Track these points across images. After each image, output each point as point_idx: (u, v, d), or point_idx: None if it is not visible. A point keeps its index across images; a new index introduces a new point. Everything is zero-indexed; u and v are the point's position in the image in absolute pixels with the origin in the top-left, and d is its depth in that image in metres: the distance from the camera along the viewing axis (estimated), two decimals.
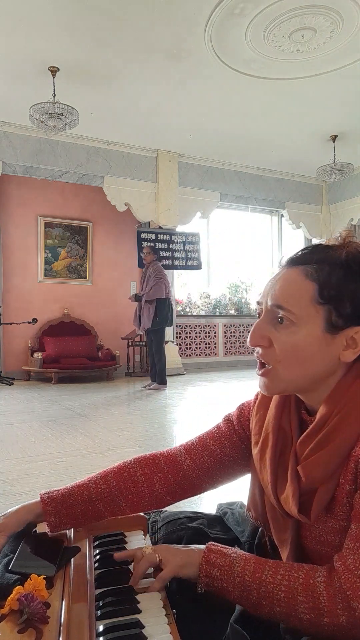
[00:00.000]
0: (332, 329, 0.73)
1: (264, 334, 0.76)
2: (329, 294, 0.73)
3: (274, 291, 0.76)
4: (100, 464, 2.50)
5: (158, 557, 0.80)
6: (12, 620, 0.67)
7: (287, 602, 0.69)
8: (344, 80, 5.13)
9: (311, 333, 0.73)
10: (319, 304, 0.73)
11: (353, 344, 0.74)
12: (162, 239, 7.11)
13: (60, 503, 0.92)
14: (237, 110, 5.88)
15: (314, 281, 0.74)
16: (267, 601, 0.71)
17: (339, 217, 8.45)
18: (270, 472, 0.80)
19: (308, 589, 0.69)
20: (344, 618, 0.66)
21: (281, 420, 0.82)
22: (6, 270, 6.84)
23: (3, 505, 1.89)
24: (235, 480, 0.98)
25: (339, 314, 0.73)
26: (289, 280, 0.75)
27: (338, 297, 0.73)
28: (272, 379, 0.77)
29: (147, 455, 0.98)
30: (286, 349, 0.74)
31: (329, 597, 0.67)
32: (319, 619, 0.67)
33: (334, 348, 0.74)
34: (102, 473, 0.96)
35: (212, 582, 0.76)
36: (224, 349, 8.27)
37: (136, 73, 4.98)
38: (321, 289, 0.73)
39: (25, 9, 3.95)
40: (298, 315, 0.73)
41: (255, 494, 0.88)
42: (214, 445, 0.94)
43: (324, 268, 0.74)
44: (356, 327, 0.73)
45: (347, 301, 0.73)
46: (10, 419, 3.80)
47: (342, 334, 0.73)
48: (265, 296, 0.78)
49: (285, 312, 0.74)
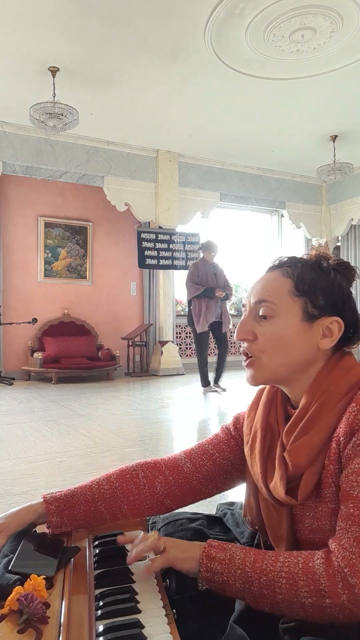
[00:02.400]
0: (309, 318, 0.82)
1: (249, 328, 0.85)
2: (304, 288, 0.83)
3: (255, 290, 0.87)
4: (100, 464, 2.50)
5: (163, 544, 0.82)
6: (12, 621, 0.67)
7: (289, 588, 0.71)
8: (344, 80, 5.13)
9: (290, 322, 0.82)
10: (295, 296, 0.83)
11: (329, 333, 0.83)
12: (162, 239, 7.11)
13: (62, 503, 0.93)
14: (237, 110, 5.88)
15: (289, 277, 0.84)
16: (269, 590, 0.72)
17: (339, 217, 8.45)
18: (260, 463, 0.85)
19: (308, 573, 0.70)
20: (345, 597, 0.67)
21: (269, 417, 0.89)
22: (6, 271, 6.84)
23: (3, 505, 1.89)
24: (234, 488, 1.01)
25: (314, 305, 0.82)
26: (269, 279, 0.87)
27: (312, 291, 0.83)
28: (257, 368, 0.84)
29: (148, 460, 1.01)
30: (269, 338, 0.83)
31: (329, 578, 0.68)
32: (321, 600, 0.68)
33: (312, 336, 0.82)
34: (104, 475, 0.98)
35: (212, 577, 0.77)
36: None
37: (136, 73, 4.98)
38: (297, 284, 0.83)
39: (26, 9, 3.95)
40: (278, 306, 0.83)
41: (250, 496, 0.91)
42: (213, 449, 0.99)
43: (298, 267, 0.85)
44: (330, 317, 0.82)
45: (319, 294, 0.83)
46: (10, 419, 3.80)
47: (318, 323, 0.82)
48: (249, 297, 0.88)
49: (267, 303, 0.83)
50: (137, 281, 7.82)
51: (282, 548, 0.81)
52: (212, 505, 1.18)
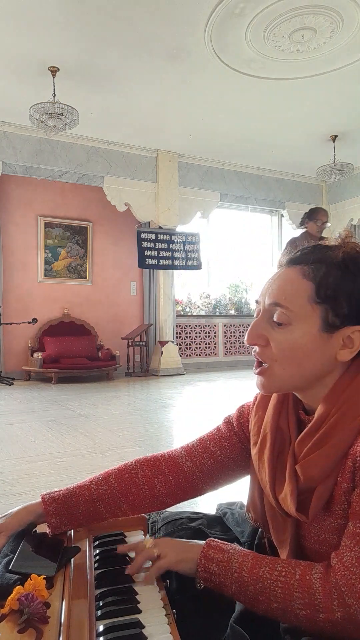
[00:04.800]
0: (329, 329, 0.74)
1: (261, 332, 0.77)
2: (326, 294, 0.73)
3: (271, 290, 0.77)
4: (100, 464, 2.50)
5: (156, 552, 0.82)
6: (13, 620, 0.67)
7: (284, 598, 0.70)
8: (344, 80, 5.13)
9: (308, 332, 0.74)
10: (315, 304, 0.74)
11: (350, 344, 0.74)
12: (162, 239, 7.11)
13: (61, 504, 0.92)
14: (238, 110, 5.88)
15: (311, 281, 0.74)
16: (264, 597, 0.72)
17: (339, 217, 8.45)
18: (268, 471, 0.80)
19: (304, 585, 0.69)
20: (339, 614, 0.66)
21: (279, 420, 0.83)
22: (6, 270, 6.84)
23: (3, 505, 1.89)
24: (235, 482, 0.99)
25: (336, 313, 0.73)
26: (287, 280, 0.77)
27: (334, 297, 0.73)
28: (269, 378, 0.77)
29: (148, 457, 0.98)
30: (283, 348, 0.75)
31: (325, 593, 0.67)
32: (315, 614, 0.68)
33: (330, 347, 0.74)
34: (103, 474, 0.97)
35: (210, 578, 0.77)
36: (224, 349, 8.27)
37: (136, 73, 4.98)
38: (318, 289, 0.74)
39: (26, 9, 3.95)
40: (295, 314, 0.74)
41: (255, 494, 0.89)
42: (214, 447, 0.95)
43: (321, 268, 0.75)
44: (352, 326, 0.74)
45: (343, 301, 0.73)
46: (10, 419, 3.80)
47: (339, 333, 0.74)
48: (263, 295, 0.79)
49: (283, 309, 0.75)
50: (137, 281, 7.82)
51: (285, 551, 0.81)
52: (212, 505, 1.18)
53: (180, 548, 0.82)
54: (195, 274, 8.22)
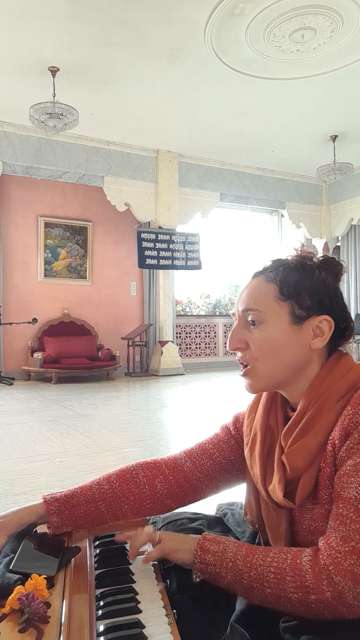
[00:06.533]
0: (297, 321, 0.82)
1: (240, 337, 0.85)
2: (288, 291, 0.83)
3: (242, 298, 0.87)
4: (100, 464, 2.50)
5: (158, 536, 0.85)
6: (13, 620, 0.67)
7: (277, 583, 0.72)
8: (344, 80, 5.13)
9: (279, 326, 0.82)
10: (281, 300, 0.83)
11: (319, 332, 0.83)
12: (162, 239, 7.11)
13: (63, 503, 0.93)
14: (237, 110, 5.88)
15: (273, 282, 0.84)
16: (258, 584, 0.74)
17: (339, 217, 8.45)
18: (259, 465, 0.86)
19: (295, 569, 0.72)
20: (329, 594, 0.68)
21: (268, 419, 0.90)
22: (6, 270, 6.84)
23: (3, 505, 1.89)
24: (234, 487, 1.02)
25: (301, 306, 0.82)
26: (253, 287, 0.87)
27: (297, 293, 0.83)
28: (254, 377, 0.85)
29: (148, 460, 1.01)
30: (260, 345, 0.83)
31: (315, 574, 0.70)
32: (307, 596, 0.70)
33: (303, 338, 0.83)
34: (104, 476, 0.99)
35: (206, 568, 0.79)
36: (223, 349, 8.27)
37: (136, 73, 4.98)
38: (281, 288, 0.83)
39: (26, 9, 3.95)
40: (265, 313, 0.83)
41: (251, 496, 0.92)
42: (213, 449, 0.99)
43: (280, 271, 0.85)
44: (318, 316, 0.82)
45: (305, 295, 0.83)
46: (10, 419, 3.80)
47: (308, 323, 0.82)
48: (236, 306, 0.88)
49: (254, 312, 0.83)
50: (137, 281, 7.82)
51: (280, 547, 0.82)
52: (212, 505, 1.18)
53: (178, 539, 0.85)
54: (195, 274, 8.23)
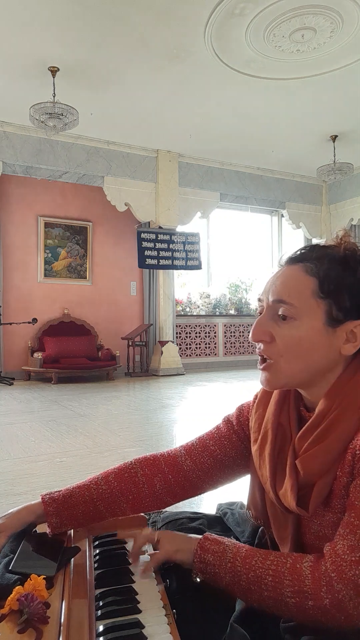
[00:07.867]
0: (333, 323, 0.75)
1: (265, 329, 0.78)
2: (329, 288, 0.75)
3: (275, 287, 0.78)
4: (100, 464, 2.50)
5: (157, 536, 0.84)
6: (12, 620, 0.67)
7: (274, 587, 0.71)
8: (344, 80, 5.12)
9: (313, 326, 0.75)
10: (319, 298, 0.75)
11: (353, 338, 0.76)
12: (162, 239, 7.11)
13: (61, 504, 0.92)
14: (237, 110, 5.88)
15: (314, 276, 0.76)
16: (256, 586, 0.73)
17: (339, 217, 8.45)
18: (269, 467, 0.81)
19: (294, 573, 0.71)
20: (328, 601, 0.67)
21: (280, 417, 0.84)
22: (6, 270, 6.84)
23: (3, 505, 1.89)
24: (235, 481, 0.99)
25: (339, 307, 0.75)
26: (290, 276, 0.78)
27: (337, 291, 0.75)
28: (274, 373, 0.78)
29: (147, 456, 0.99)
30: (288, 343, 0.76)
31: (314, 580, 0.69)
32: (304, 602, 0.69)
33: (334, 342, 0.76)
34: (102, 474, 0.97)
35: (205, 569, 0.78)
36: (224, 349, 8.27)
37: (136, 73, 4.98)
38: (321, 284, 0.75)
39: (26, 9, 3.95)
40: (299, 309, 0.75)
41: (255, 492, 0.89)
42: (214, 445, 0.96)
43: (323, 264, 0.76)
44: (355, 320, 0.75)
45: (345, 295, 0.75)
46: (10, 419, 3.80)
47: (342, 327, 0.75)
48: (266, 293, 0.80)
49: (288, 306, 0.76)
50: (137, 281, 7.82)
51: (286, 548, 0.81)
52: (212, 505, 1.18)
53: (178, 539, 0.84)
54: (195, 274, 8.23)
